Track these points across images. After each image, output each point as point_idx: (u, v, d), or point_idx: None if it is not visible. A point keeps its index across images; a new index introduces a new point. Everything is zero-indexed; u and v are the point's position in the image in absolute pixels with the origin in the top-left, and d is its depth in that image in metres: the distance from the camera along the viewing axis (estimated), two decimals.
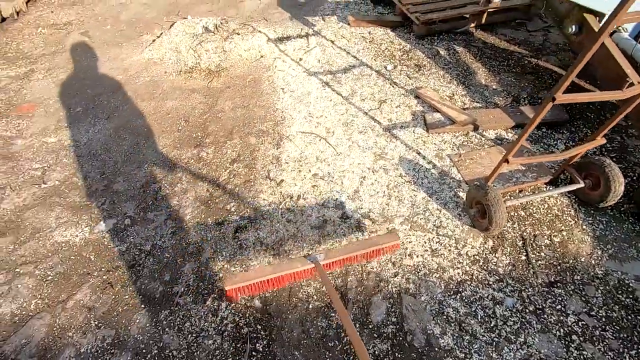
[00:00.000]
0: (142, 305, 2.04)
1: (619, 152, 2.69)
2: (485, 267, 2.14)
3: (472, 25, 3.92)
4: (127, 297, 2.08)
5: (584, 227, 2.30)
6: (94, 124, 3.10)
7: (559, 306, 1.97)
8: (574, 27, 2.55)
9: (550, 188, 2.49)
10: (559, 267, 2.13)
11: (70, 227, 2.42)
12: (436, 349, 1.83)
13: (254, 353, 1.84)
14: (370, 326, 1.92)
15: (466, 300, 2.00)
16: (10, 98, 3.36)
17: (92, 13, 4.47)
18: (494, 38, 3.81)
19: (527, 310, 1.95)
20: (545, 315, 1.93)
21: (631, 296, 1.99)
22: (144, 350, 1.86)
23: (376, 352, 1.83)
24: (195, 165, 2.76)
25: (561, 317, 1.92)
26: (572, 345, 1.83)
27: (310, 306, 2.00)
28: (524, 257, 2.17)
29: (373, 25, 4.06)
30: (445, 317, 1.94)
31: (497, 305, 1.98)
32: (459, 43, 3.77)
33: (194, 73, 3.51)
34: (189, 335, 1.91)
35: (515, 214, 2.38)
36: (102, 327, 1.96)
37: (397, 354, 1.82)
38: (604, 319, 1.91)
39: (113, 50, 3.85)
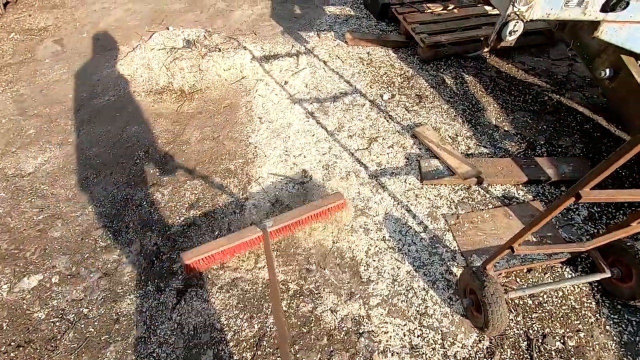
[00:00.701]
0: None
1: None
2: None
3: (486, 49, 3.43)
4: None
5: (608, 327, 1.82)
6: (44, 149, 2.75)
7: None
8: (607, 70, 2.06)
9: (568, 273, 2.01)
10: None
11: None
12: None
13: None
14: None
15: None
16: None
17: (71, 18, 4.15)
18: (510, 66, 3.32)
19: None
20: None
21: None
22: None
23: None
24: (147, 209, 2.38)
25: None
26: None
27: None
28: None
29: (373, 45, 3.61)
30: None
31: None
32: (469, 70, 3.29)
33: (165, 94, 3.13)
34: None
35: (521, 302, 1.92)
36: None
37: None
38: None
39: (83, 63, 3.51)
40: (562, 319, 1.86)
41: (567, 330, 1.82)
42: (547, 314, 1.88)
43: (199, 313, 1.91)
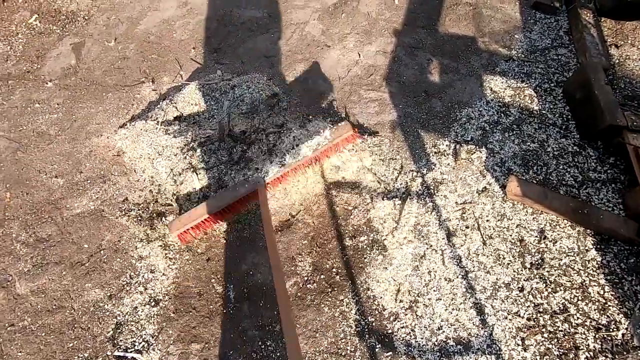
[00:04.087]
0: None
1: None
2: None
3: None
4: None
5: None
6: None
7: None
8: None
9: None
10: None
11: None
12: None
13: None
14: None
15: None
16: None
17: (111, 3, 2.91)
18: None
19: None
20: None
21: None
22: None
23: None
24: None
25: None
26: None
27: None
28: None
29: (557, 215, 1.82)
30: None
31: None
32: None
33: (161, 224, 1.88)
34: None
35: None
36: None
37: None
38: None
39: (86, 105, 2.35)
40: None
41: None
42: None
43: None
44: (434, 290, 1.68)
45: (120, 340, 1.63)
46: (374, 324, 1.62)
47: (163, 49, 2.60)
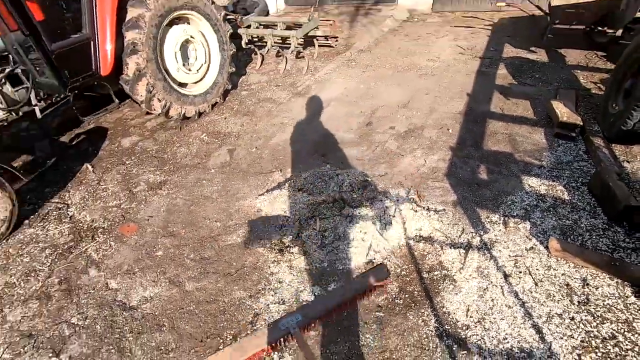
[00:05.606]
0: None
1: None
2: None
3: None
4: None
5: None
6: (156, 282, 2.59)
7: None
8: None
9: None
10: None
11: None
12: None
13: None
14: None
15: None
16: (129, 209, 3.33)
17: (253, 128, 4.41)
18: None
19: None
20: None
21: None
22: None
23: None
24: None
25: None
26: None
27: None
28: None
29: (594, 268, 2.30)
30: None
31: None
32: None
33: (286, 251, 2.66)
34: None
35: None
36: None
37: None
38: None
39: (236, 183, 3.49)
40: None
41: None
42: None
43: None
44: (497, 313, 2.14)
45: (257, 326, 2.22)
46: (450, 330, 2.07)
47: (287, 153, 3.85)
